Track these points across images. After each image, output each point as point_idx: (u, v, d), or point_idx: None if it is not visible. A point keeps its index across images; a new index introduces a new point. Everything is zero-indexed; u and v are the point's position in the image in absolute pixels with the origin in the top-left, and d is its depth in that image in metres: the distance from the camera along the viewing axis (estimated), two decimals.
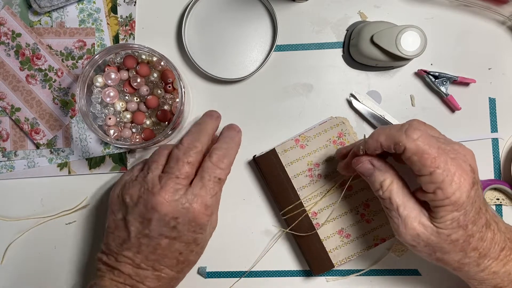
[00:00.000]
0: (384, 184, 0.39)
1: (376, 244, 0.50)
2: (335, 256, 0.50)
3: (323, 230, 0.50)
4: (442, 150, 0.37)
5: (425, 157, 0.36)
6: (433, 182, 0.36)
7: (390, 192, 0.39)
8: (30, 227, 0.55)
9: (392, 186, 0.39)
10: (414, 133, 0.37)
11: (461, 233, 0.37)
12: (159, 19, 0.54)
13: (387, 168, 0.40)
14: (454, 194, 0.36)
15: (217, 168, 0.44)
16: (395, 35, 0.46)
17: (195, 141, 0.45)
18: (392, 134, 0.38)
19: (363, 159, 0.41)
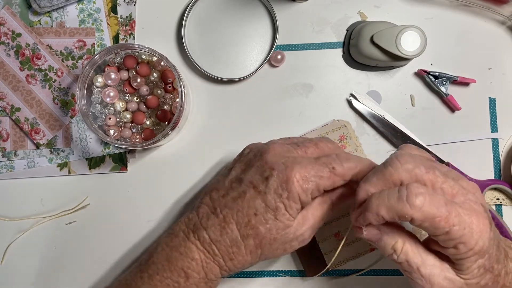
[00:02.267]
0: (397, 246, 0.36)
1: (372, 249, 0.50)
2: (330, 259, 0.50)
3: (319, 232, 0.50)
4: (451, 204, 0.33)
5: (437, 220, 0.32)
6: (452, 239, 0.33)
7: (405, 254, 0.35)
8: (30, 227, 0.55)
9: (406, 247, 0.35)
10: (418, 199, 0.32)
11: (489, 277, 0.35)
12: (159, 19, 0.54)
13: (396, 229, 0.36)
14: (477, 243, 0.33)
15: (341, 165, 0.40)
16: (395, 35, 0.46)
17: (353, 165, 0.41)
18: (394, 206, 0.33)
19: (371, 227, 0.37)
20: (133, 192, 0.54)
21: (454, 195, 0.34)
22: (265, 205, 0.40)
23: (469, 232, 0.33)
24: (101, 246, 0.54)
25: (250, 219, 0.40)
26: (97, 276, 0.54)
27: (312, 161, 0.40)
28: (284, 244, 0.41)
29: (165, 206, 0.54)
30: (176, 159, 0.54)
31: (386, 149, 0.53)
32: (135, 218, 0.54)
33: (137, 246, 0.54)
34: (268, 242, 0.40)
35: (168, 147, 0.54)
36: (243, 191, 0.41)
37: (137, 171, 0.54)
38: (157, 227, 0.54)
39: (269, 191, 0.39)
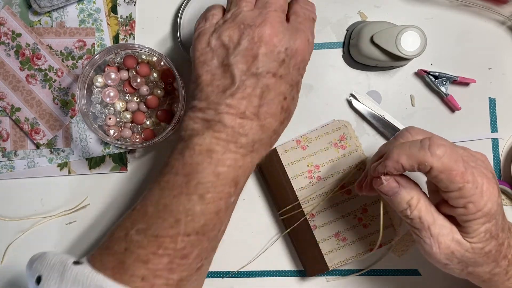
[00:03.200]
0: (412, 202, 0.37)
1: (372, 249, 0.50)
2: (330, 259, 0.50)
3: (320, 232, 0.50)
4: (467, 163, 0.35)
5: (454, 174, 0.34)
6: (463, 197, 0.34)
7: (419, 210, 0.36)
8: (30, 227, 0.55)
9: (420, 204, 0.36)
10: (439, 149, 0.34)
11: (494, 244, 0.36)
12: (159, 19, 0.54)
13: (413, 185, 0.38)
14: (486, 205, 0.34)
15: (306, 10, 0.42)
16: (395, 35, 0.46)
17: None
18: (415, 154, 0.35)
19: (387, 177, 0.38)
20: (133, 192, 0.54)
21: (466, 161, 0.35)
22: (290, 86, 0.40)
23: (480, 192, 0.34)
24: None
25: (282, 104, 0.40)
26: None
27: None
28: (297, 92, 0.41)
29: None
30: None
31: None
32: None
33: None
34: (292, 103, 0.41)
35: (168, 147, 0.54)
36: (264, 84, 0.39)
37: (137, 171, 0.54)
38: None
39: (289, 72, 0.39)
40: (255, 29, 0.38)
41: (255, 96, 0.38)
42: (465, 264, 0.37)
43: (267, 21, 0.38)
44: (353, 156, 0.50)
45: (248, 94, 0.38)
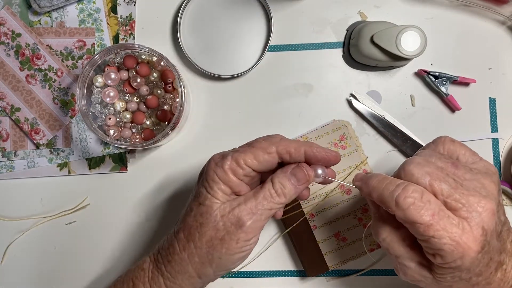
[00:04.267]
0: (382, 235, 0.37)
1: (372, 250, 0.50)
2: (330, 259, 0.50)
3: (320, 232, 0.50)
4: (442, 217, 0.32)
5: (417, 226, 0.32)
6: (431, 248, 0.33)
7: (387, 244, 0.37)
8: (30, 227, 0.55)
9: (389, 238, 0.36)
10: (405, 202, 0.33)
11: (463, 284, 0.35)
12: (159, 19, 0.54)
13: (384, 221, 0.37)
14: (455, 262, 0.33)
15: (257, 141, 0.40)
16: (395, 35, 0.46)
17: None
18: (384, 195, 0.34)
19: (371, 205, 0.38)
20: (133, 192, 0.54)
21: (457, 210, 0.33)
22: (193, 197, 0.40)
23: (449, 249, 0.32)
24: (101, 246, 0.54)
25: (183, 216, 0.40)
26: (97, 276, 0.54)
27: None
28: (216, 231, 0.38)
29: (165, 206, 0.54)
30: (176, 159, 0.54)
31: (386, 149, 0.53)
32: (135, 218, 0.54)
33: (137, 246, 0.54)
34: (196, 230, 0.38)
35: (168, 147, 0.54)
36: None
37: (137, 171, 0.54)
38: (157, 227, 0.54)
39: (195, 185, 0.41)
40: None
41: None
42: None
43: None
44: (353, 156, 0.50)
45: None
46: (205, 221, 0.38)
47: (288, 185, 0.38)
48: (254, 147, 0.38)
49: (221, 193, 0.38)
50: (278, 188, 0.38)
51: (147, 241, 0.54)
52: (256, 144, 0.39)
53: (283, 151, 0.38)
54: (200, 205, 0.39)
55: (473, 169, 0.36)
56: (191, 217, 0.39)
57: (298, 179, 0.39)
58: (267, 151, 0.38)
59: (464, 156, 0.37)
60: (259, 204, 0.38)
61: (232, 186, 0.38)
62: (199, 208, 0.39)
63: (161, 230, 0.54)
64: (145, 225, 0.54)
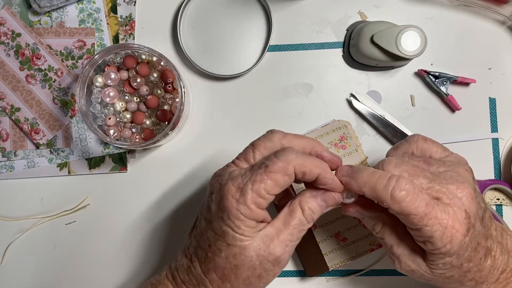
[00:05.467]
0: (375, 228, 0.38)
1: (372, 250, 0.50)
2: (330, 259, 0.50)
3: (320, 232, 0.50)
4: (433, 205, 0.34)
5: (412, 217, 0.34)
6: (422, 236, 0.35)
7: (382, 234, 0.38)
8: (30, 227, 0.55)
9: (383, 229, 0.38)
10: (401, 196, 0.34)
11: (456, 271, 0.36)
12: (159, 19, 0.54)
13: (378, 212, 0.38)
14: (445, 246, 0.34)
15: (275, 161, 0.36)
16: (395, 35, 0.46)
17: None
18: (378, 190, 0.35)
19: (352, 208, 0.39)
20: (133, 192, 0.54)
21: (440, 198, 0.35)
22: (214, 234, 0.37)
23: (440, 235, 0.34)
24: (101, 246, 0.54)
25: (207, 253, 0.37)
26: (97, 276, 0.54)
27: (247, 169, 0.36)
28: (253, 270, 0.36)
29: (165, 206, 0.54)
30: (176, 159, 0.54)
31: (386, 149, 0.52)
32: (135, 218, 0.54)
33: (137, 246, 0.54)
34: (231, 271, 0.36)
35: (168, 147, 0.54)
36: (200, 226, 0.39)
37: (137, 171, 0.54)
38: (157, 227, 0.54)
39: (214, 217, 0.37)
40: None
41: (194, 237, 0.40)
42: (427, 280, 0.38)
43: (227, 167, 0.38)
44: (353, 156, 0.50)
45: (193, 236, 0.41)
46: (240, 263, 0.36)
47: (317, 209, 0.37)
48: (272, 171, 0.35)
49: (249, 228, 0.36)
50: (308, 214, 0.37)
51: (147, 241, 0.54)
52: (273, 168, 0.35)
53: (298, 171, 0.36)
54: (230, 246, 0.36)
55: (446, 161, 0.38)
56: (222, 258, 0.36)
57: (327, 204, 0.38)
58: (287, 173, 0.35)
59: (437, 153, 0.39)
60: (292, 235, 0.37)
61: (258, 219, 0.36)
62: (229, 249, 0.36)
63: (161, 230, 0.54)
64: (145, 225, 0.54)
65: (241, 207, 0.35)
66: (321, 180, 0.36)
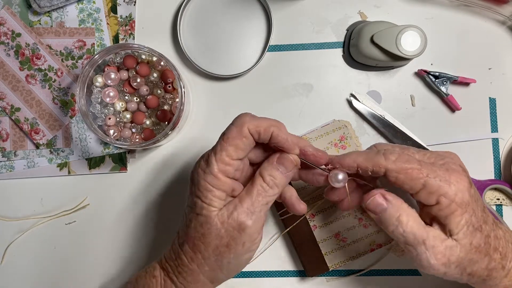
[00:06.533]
0: (402, 219, 0.36)
1: (372, 250, 0.50)
2: (330, 259, 0.50)
3: (320, 232, 0.50)
4: (425, 162, 0.37)
5: (410, 171, 0.36)
6: (432, 191, 0.35)
7: (411, 227, 0.36)
8: (30, 227, 0.55)
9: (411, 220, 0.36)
10: (392, 155, 0.37)
11: (479, 236, 0.37)
12: (159, 19, 0.54)
13: (400, 201, 0.37)
14: (457, 195, 0.35)
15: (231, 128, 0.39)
16: (395, 35, 0.46)
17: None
18: (371, 157, 0.37)
19: (374, 192, 0.38)
20: (133, 192, 0.54)
21: (433, 162, 0.38)
22: (189, 208, 0.40)
23: (447, 184, 0.36)
24: (101, 246, 0.54)
25: (184, 227, 0.40)
26: (96, 276, 0.54)
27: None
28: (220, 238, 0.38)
29: (165, 206, 0.54)
30: (176, 159, 0.54)
31: None
32: (135, 218, 0.54)
33: (137, 246, 0.54)
34: (200, 241, 0.38)
35: (168, 147, 0.54)
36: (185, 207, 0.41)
37: (137, 171, 0.54)
38: (157, 227, 0.54)
39: (189, 193, 0.40)
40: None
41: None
42: (463, 266, 0.37)
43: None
44: None
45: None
46: (207, 232, 0.38)
47: (278, 174, 0.38)
48: (229, 137, 0.37)
49: (217, 199, 0.38)
50: (269, 180, 0.38)
51: (147, 241, 0.54)
52: (229, 133, 0.37)
53: (254, 131, 0.37)
54: (198, 216, 0.38)
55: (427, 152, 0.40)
56: (191, 228, 0.39)
57: (286, 167, 0.39)
58: (243, 135, 0.37)
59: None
60: (255, 201, 0.38)
61: (226, 189, 0.38)
62: (197, 219, 0.38)
63: (161, 230, 0.54)
64: (145, 225, 0.54)
65: (208, 177, 0.37)
66: (275, 139, 0.38)
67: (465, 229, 0.36)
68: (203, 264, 0.39)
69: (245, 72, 0.52)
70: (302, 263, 0.51)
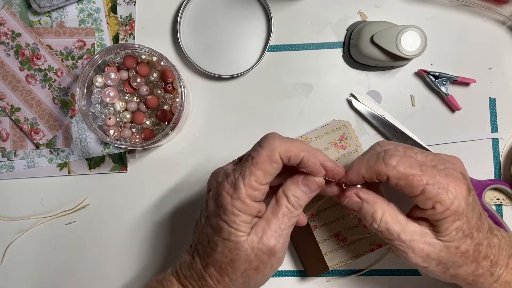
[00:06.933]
0: (376, 216, 0.38)
1: (372, 250, 0.50)
2: (330, 259, 0.50)
3: (320, 232, 0.50)
4: (426, 166, 0.37)
5: (410, 178, 0.36)
6: (429, 198, 0.36)
7: (385, 222, 0.37)
8: (30, 227, 0.55)
9: (385, 216, 0.38)
10: (392, 159, 0.36)
11: (469, 243, 0.37)
12: (159, 19, 0.54)
13: (375, 198, 0.39)
14: (453, 203, 0.35)
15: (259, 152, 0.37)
16: (395, 35, 0.46)
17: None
18: (372, 166, 0.37)
19: (349, 193, 0.39)
20: (133, 192, 0.54)
21: (434, 165, 0.37)
22: (212, 229, 0.38)
23: (444, 192, 0.35)
24: (101, 246, 0.54)
25: (206, 248, 0.39)
26: (97, 276, 0.54)
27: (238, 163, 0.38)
28: (250, 262, 0.37)
29: (165, 206, 0.54)
30: (176, 159, 0.54)
31: None
32: (135, 218, 0.54)
33: (137, 246, 0.54)
34: (228, 265, 0.37)
35: (168, 147, 0.54)
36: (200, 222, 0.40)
37: (137, 171, 0.54)
38: (157, 227, 0.54)
39: (211, 214, 0.38)
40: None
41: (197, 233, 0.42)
42: (445, 266, 0.37)
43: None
44: (353, 156, 0.50)
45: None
46: (236, 257, 0.37)
47: (302, 195, 0.38)
48: (259, 162, 0.36)
49: (244, 223, 0.37)
50: (294, 201, 0.38)
51: (147, 241, 0.54)
52: (259, 158, 0.36)
53: (284, 156, 0.36)
54: (225, 241, 0.37)
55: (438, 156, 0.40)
56: (218, 253, 0.37)
57: (311, 188, 0.38)
58: (273, 161, 0.36)
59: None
60: (281, 223, 0.37)
61: (253, 213, 0.37)
62: (225, 244, 0.37)
63: (161, 230, 0.54)
64: (145, 225, 0.54)
65: (236, 203, 0.36)
66: (305, 163, 0.37)
67: (453, 234, 0.36)
68: (230, 286, 0.38)
69: (245, 72, 0.52)
70: (302, 263, 0.51)
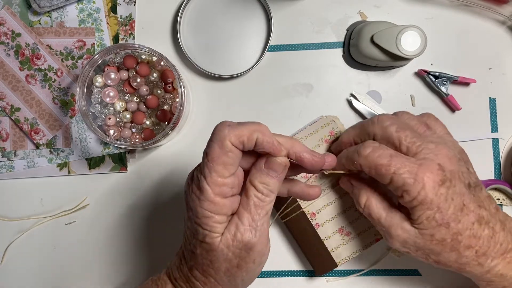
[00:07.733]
0: (361, 200, 0.42)
1: (377, 240, 0.50)
2: (337, 255, 0.50)
3: (323, 230, 0.50)
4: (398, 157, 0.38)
5: (379, 167, 0.38)
6: (397, 187, 0.38)
7: (368, 208, 0.41)
8: (30, 227, 0.55)
9: (369, 202, 0.41)
10: (365, 150, 0.39)
11: (444, 232, 0.37)
12: (159, 19, 0.54)
13: (362, 186, 0.43)
14: (419, 193, 0.37)
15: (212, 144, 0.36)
16: (395, 35, 0.46)
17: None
18: (350, 156, 0.41)
19: (344, 179, 0.45)
20: (133, 192, 0.54)
21: (417, 153, 0.38)
22: (191, 232, 0.38)
23: (411, 182, 0.37)
24: (101, 246, 0.54)
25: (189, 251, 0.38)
26: (97, 276, 0.54)
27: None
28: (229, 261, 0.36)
29: (165, 206, 0.54)
30: (176, 159, 0.54)
31: None
32: (135, 218, 0.54)
33: (137, 246, 0.54)
34: (209, 267, 0.37)
35: (168, 147, 0.54)
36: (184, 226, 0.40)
37: (137, 171, 0.54)
38: (157, 227, 0.54)
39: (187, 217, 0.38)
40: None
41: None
42: (425, 252, 0.39)
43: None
44: None
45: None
46: (214, 258, 0.36)
47: (270, 180, 0.36)
48: (213, 156, 0.34)
49: (218, 224, 0.36)
50: (262, 188, 0.36)
51: (147, 241, 0.54)
52: (212, 152, 0.34)
53: (237, 143, 0.34)
54: (202, 243, 0.36)
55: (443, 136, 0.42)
56: (198, 256, 0.37)
57: (276, 170, 0.36)
58: (227, 151, 0.34)
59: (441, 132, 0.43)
60: (254, 215, 0.36)
61: (227, 212, 0.36)
62: (202, 246, 0.36)
63: (161, 230, 0.54)
64: (145, 225, 0.54)
65: (204, 204, 0.35)
66: (260, 145, 0.35)
67: (425, 223, 0.38)
68: (217, 286, 0.38)
69: (245, 72, 0.52)
70: (311, 263, 0.51)
